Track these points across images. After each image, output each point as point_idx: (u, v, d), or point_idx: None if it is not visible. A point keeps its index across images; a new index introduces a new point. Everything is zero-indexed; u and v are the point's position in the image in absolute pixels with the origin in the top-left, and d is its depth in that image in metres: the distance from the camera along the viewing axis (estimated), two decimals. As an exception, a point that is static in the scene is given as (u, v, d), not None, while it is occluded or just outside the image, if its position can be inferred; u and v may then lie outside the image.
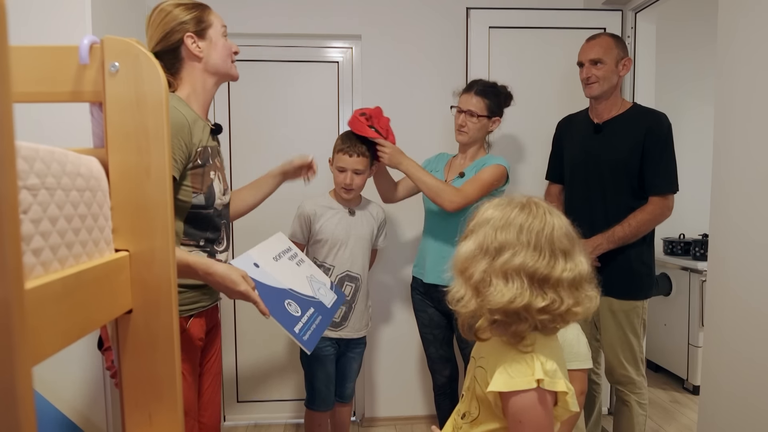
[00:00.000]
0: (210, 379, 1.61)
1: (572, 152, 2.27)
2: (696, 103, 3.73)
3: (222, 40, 1.52)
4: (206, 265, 1.35)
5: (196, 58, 1.48)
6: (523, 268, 0.98)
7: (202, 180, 1.45)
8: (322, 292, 1.71)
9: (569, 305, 0.99)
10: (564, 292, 0.99)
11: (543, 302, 0.98)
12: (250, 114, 2.88)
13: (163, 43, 1.45)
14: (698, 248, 3.39)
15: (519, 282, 0.98)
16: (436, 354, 2.32)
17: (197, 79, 1.50)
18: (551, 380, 0.98)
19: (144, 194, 0.87)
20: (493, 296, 0.99)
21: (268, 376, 2.98)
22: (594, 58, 2.11)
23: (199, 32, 1.47)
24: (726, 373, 1.86)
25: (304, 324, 1.53)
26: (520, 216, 1.02)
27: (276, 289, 1.51)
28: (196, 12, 1.48)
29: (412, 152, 2.68)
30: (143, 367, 0.90)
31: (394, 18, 2.84)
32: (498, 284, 0.99)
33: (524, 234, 1.00)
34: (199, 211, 1.45)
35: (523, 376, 0.99)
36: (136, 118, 0.86)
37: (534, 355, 1.01)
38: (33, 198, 0.63)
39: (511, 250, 0.99)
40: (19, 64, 0.84)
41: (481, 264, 1.02)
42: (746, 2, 1.78)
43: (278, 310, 1.46)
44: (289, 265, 1.67)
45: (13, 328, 0.51)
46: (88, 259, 0.77)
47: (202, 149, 1.44)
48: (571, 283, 1.00)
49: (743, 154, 1.80)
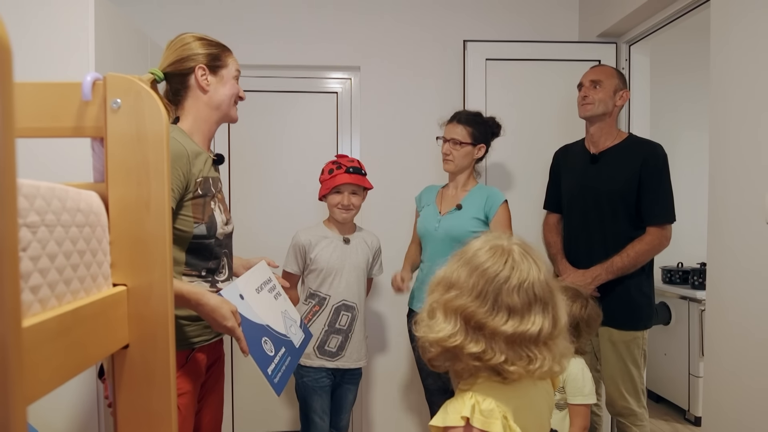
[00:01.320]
0: (212, 413, 1.59)
1: (569, 182, 2.29)
2: (692, 129, 3.77)
3: (232, 81, 1.56)
4: (198, 296, 1.35)
5: (203, 90, 1.50)
6: (462, 310, 0.97)
7: (203, 210, 1.45)
8: (293, 330, 1.67)
9: (500, 360, 0.96)
10: (498, 345, 0.96)
11: (476, 348, 0.96)
12: (249, 143, 2.91)
13: (174, 66, 1.48)
14: (697, 277, 3.39)
15: (455, 322, 0.97)
16: (434, 386, 2.29)
17: (201, 112, 1.52)
18: (485, 420, 0.95)
19: (143, 228, 0.87)
20: (433, 329, 0.99)
21: (263, 408, 2.93)
22: (594, 79, 2.17)
23: (212, 67, 1.51)
24: (728, 403, 1.84)
25: (276, 365, 1.49)
26: (482, 257, 1.00)
27: (256, 325, 1.48)
28: (215, 50, 1.52)
29: (410, 182, 2.72)
30: (139, 402, 0.89)
31: (392, 50, 2.89)
32: (439, 318, 0.99)
33: (474, 277, 0.98)
34: (201, 241, 1.45)
35: (454, 413, 0.98)
36: (137, 153, 0.87)
37: (471, 392, 0.99)
38: (32, 235, 0.63)
39: (457, 290, 0.99)
40: (23, 99, 0.86)
41: (435, 293, 1.02)
42: (738, 34, 1.82)
43: (256, 348, 1.44)
44: (268, 299, 1.64)
45: (10, 367, 0.51)
46: (85, 294, 0.77)
47: (202, 179, 1.45)
48: (510, 339, 0.96)
49: (738, 182, 1.81)
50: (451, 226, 2.17)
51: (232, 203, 2.88)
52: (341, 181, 2.12)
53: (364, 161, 2.51)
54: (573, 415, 1.77)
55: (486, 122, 2.26)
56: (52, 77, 1.78)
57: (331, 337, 2.17)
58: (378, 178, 2.80)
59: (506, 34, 2.89)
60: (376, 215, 2.85)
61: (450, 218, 2.21)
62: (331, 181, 2.14)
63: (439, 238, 2.18)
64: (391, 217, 2.84)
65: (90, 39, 1.82)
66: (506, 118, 2.71)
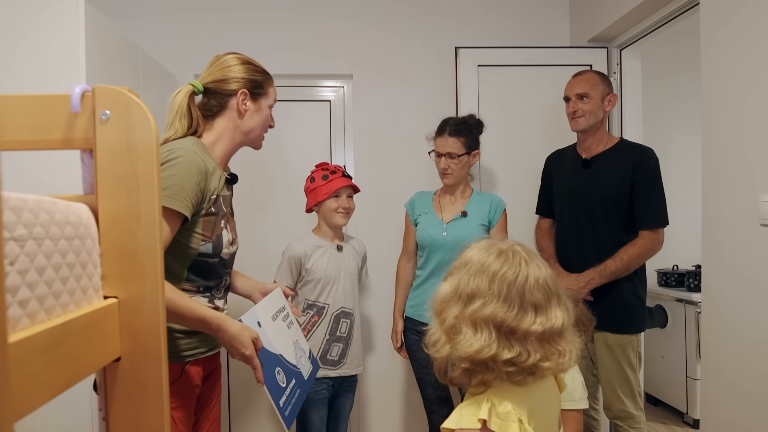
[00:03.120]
0: (209, 425, 1.58)
1: (561, 187, 2.30)
2: (684, 133, 3.79)
3: (268, 111, 1.57)
4: (219, 321, 1.34)
5: (240, 114, 1.51)
6: (492, 319, 0.97)
7: (213, 229, 1.44)
8: (302, 361, 1.66)
9: (536, 359, 0.97)
10: (531, 346, 0.98)
11: (509, 354, 0.96)
12: (242, 152, 2.89)
13: (217, 84, 1.48)
14: (692, 279, 3.40)
15: (487, 332, 0.97)
16: (434, 395, 2.28)
17: (228, 131, 1.52)
18: (502, 422, 0.96)
19: (134, 239, 0.86)
20: (462, 345, 0.98)
21: (260, 419, 2.91)
22: (580, 92, 2.16)
23: (253, 94, 1.52)
24: (725, 405, 1.84)
25: (287, 397, 1.48)
26: (495, 263, 1.01)
27: (271, 354, 1.46)
28: (260, 77, 1.54)
29: (403, 189, 2.71)
30: (131, 416, 0.88)
31: (384, 57, 2.90)
32: (467, 333, 0.98)
33: (496, 284, 0.99)
34: (205, 259, 1.43)
35: (470, 416, 0.99)
36: (126, 165, 0.86)
37: (487, 396, 1.00)
38: (20, 249, 0.62)
39: (481, 299, 0.99)
40: (11, 112, 0.85)
41: (453, 309, 1.01)
42: (729, 39, 1.84)
43: (270, 379, 1.42)
44: (282, 327, 1.62)
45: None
46: (76, 307, 0.76)
47: (216, 197, 1.44)
48: (541, 337, 0.98)
49: (731, 184, 1.82)
50: (460, 233, 2.17)
51: (227, 213, 2.87)
52: (340, 184, 2.13)
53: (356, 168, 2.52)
54: (565, 421, 1.76)
55: (473, 126, 2.27)
56: (42, 89, 1.78)
57: (333, 346, 2.16)
58: (371, 185, 2.80)
59: (498, 40, 2.90)
60: (369, 222, 2.84)
61: (457, 226, 2.21)
62: (329, 186, 2.14)
63: (449, 246, 2.17)
64: (384, 224, 2.84)
65: (81, 50, 1.81)
66: (499, 123, 2.73)
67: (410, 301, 2.33)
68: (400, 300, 2.38)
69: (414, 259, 2.38)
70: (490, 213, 2.22)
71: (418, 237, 2.30)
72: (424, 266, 2.28)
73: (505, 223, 2.27)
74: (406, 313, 2.33)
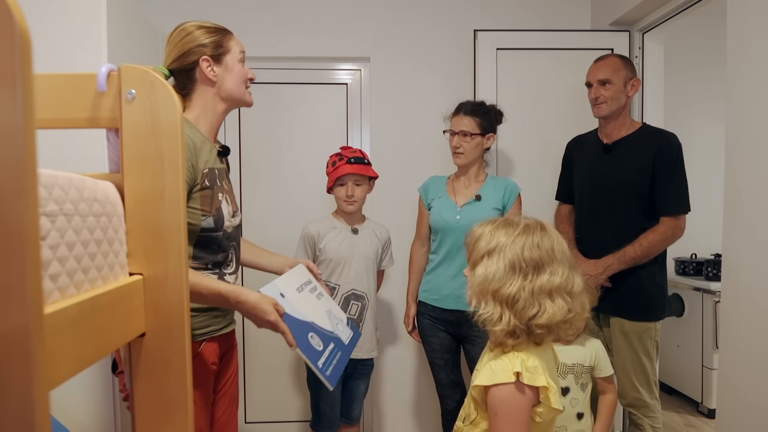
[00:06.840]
0: (226, 403, 1.60)
1: (582, 172, 2.27)
2: (706, 121, 3.73)
3: (238, 66, 1.51)
4: (237, 293, 1.35)
5: (210, 82, 1.47)
6: (563, 287, 1.09)
7: (211, 202, 1.44)
8: (340, 327, 1.68)
9: (578, 311, 1.11)
10: (577, 302, 1.11)
11: (570, 314, 1.09)
12: (259, 135, 2.91)
13: (178, 62, 1.45)
14: (711, 268, 3.36)
15: (561, 300, 1.09)
16: (446, 379, 2.29)
17: (208, 103, 1.49)
18: (531, 375, 1.06)
19: (158, 218, 0.88)
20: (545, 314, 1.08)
21: (275, 398, 2.96)
22: (602, 78, 2.12)
23: (215, 57, 1.47)
24: (742, 396, 1.83)
25: (326, 359, 1.50)
26: (535, 236, 1.12)
27: (300, 321, 1.48)
28: (216, 36, 1.48)
29: (420, 172, 2.70)
30: (155, 391, 0.90)
31: (402, 40, 2.88)
32: (546, 302, 1.08)
33: (557, 252, 1.11)
34: (209, 234, 1.44)
35: (504, 371, 1.08)
36: (152, 144, 0.87)
37: (515, 353, 1.11)
38: (51, 224, 0.64)
39: (548, 269, 1.10)
40: (38, 91, 0.86)
41: (515, 283, 1.09)
42: (756, 24, 1.79)
43: (303, 343, 1.44)
44: (311, 298, 1.64)
45: (33, 353, 0.52)
46: (103, 283, 0.77)
47: (208, 171, 1.44)
48: (581, 292, 1.13)
49: (755, 173, 1.79)
50: (474, 217, 2.16)
51: (243, 195, 2.89)
52: (343, 171, 2.13)
53: (373, 152, 2.51)
54: (606, 386, 1.94)
55: (490, 110, 2.25)
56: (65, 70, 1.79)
57: None
58: (387, 169, 2.80)
59: (517, 23, 2.86)
60: (385, 207, 2.85)
61: (471, 209, 2.20)
62: (335, 172, 2.16)
63: (462, 230, 2.16)
64: (400, 208, 2.84)
65: (102, 31, 1.83)
66: (517, 108, 2.70)
67: (423, 285, 2.33)
68: (414, 284, 2.38)
69: (427, 244, 2.38)
70: (505, 197, 2.21)
71: (432, 221, 2.29)
72: (437, 250, 2.28)
73: (520, 208, 2.25)
74: (420, 298, 2.34)
